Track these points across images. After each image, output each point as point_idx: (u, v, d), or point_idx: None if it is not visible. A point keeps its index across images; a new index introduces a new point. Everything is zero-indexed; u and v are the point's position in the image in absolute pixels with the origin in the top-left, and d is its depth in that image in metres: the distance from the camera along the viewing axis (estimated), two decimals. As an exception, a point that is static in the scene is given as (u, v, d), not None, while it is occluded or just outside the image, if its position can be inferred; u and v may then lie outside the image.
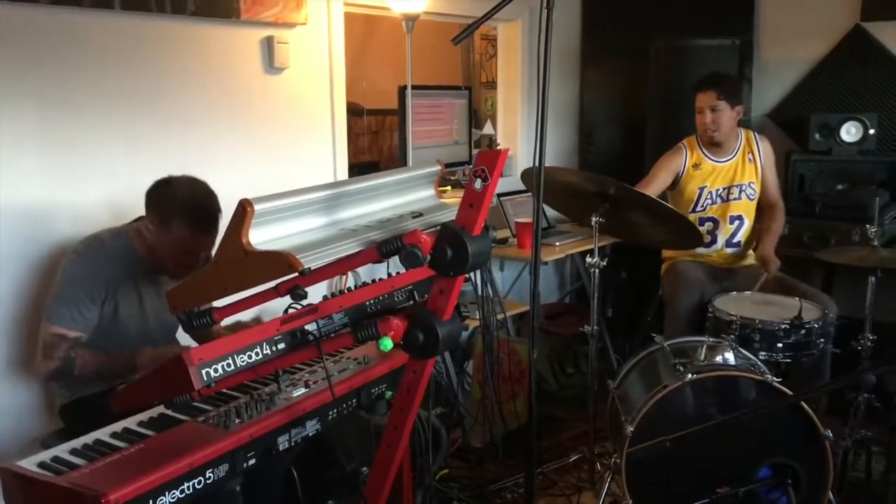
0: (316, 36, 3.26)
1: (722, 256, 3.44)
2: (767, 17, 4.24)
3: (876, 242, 2.84)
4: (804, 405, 2.31)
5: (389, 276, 1.90)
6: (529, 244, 3.29)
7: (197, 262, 2.25)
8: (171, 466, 1.56)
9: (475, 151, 4.13)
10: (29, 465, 1.59)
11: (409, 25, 3.37)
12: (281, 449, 1.83)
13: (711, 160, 3.39)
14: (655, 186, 3.36)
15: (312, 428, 1.91)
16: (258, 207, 1.49)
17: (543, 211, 4.00)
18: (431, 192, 1.97)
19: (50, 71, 2.48)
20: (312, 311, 1.70)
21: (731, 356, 2.56)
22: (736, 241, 3.43)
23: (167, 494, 1.55)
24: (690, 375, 2.41)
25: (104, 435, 1.74)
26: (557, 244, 3.72)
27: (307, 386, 1.96)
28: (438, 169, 1.97)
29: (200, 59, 2.87)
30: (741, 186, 3.40)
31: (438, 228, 1.72)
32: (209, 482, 1.65)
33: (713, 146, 3.37)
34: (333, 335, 1.76)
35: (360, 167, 4.19)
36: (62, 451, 1.66)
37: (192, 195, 2.22)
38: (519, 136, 4.45)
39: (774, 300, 3.01)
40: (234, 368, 1.55)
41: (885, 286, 2.86)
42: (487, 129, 4.71)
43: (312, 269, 1.56)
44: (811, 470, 2.32)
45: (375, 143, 5.57)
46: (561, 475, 3.12)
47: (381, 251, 1.66)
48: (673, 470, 2.38)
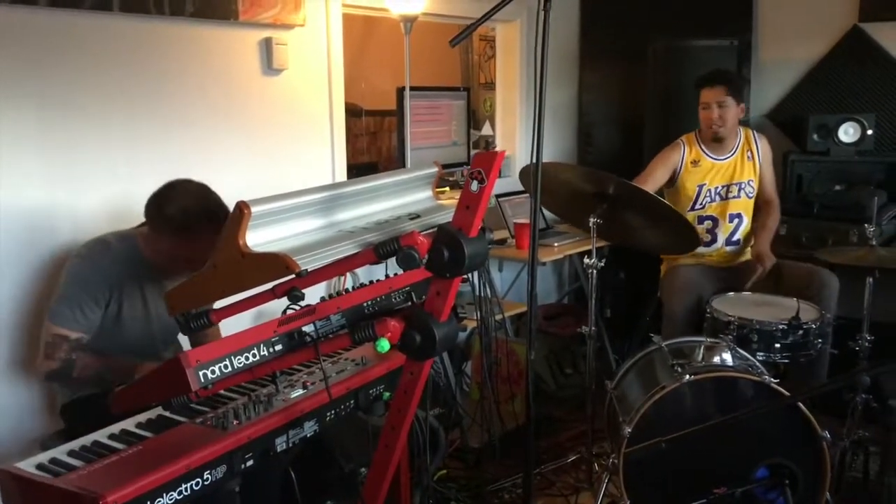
0: (314, 37, 3.26)
1: (721, 255, 3.44)
2: (766, 17, 4.25)
3: (874, 242, 2.85)
4: (801, 406, 2.32)
5: (387, 277, 1.90)
6: (528, 245, 3.30)
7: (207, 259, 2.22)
8: (168, 468, 1.56)
9: (474, 152, 4.13)
10: (27, 466, 1.59)
11: (407, 26, 3.38)
12: (279, 450, 1.83)
13: (711, 157, 3.39)
14: (652, 182, 3.35)
15: (310, 429, 1.92)
16: (255, 209, 1.49)
17: (542, 212, 4.04)
18: (429, 193, 1.98)
19: (49, 73, 2.48)
20: (310, 312, 1.71)
21: (728, 357, 2.56)
22: (735, 239, 3.43)
23: (165, 496, 1.55)
24: (688, 376, 2.41)
25: (102, 437, 1.74)
26: (556, 245, 3.73)
27: (305, 387, 1.96)
28: (436, 171, 1.98)
29: (199, 60, 2.87)
30: (740, 184, 3.40)
31: (435, 230, 1.72)
32: (207, 483, 1.65)
33: (714, 143, 3.37)
34: (331, 336, 1.76)
35: (358, 168, 4.19)
36: (60, 452, 1.66)
37: (196, 198, 2.19)
38: (517, 136, 4.45)
39: (772, 300, 3.02)
40: (231, 370, 1.56)
41: (882, 286, 2.86)
42: (486, 130, 4.71)
43: (309, 270, 1.57)
44: (808, 470, 2.32)
45: (374, 144, 5.58)
46: (559, 475, 3.12)
47: (378, 253, 1.67)
48: (670, 470, 2.38)
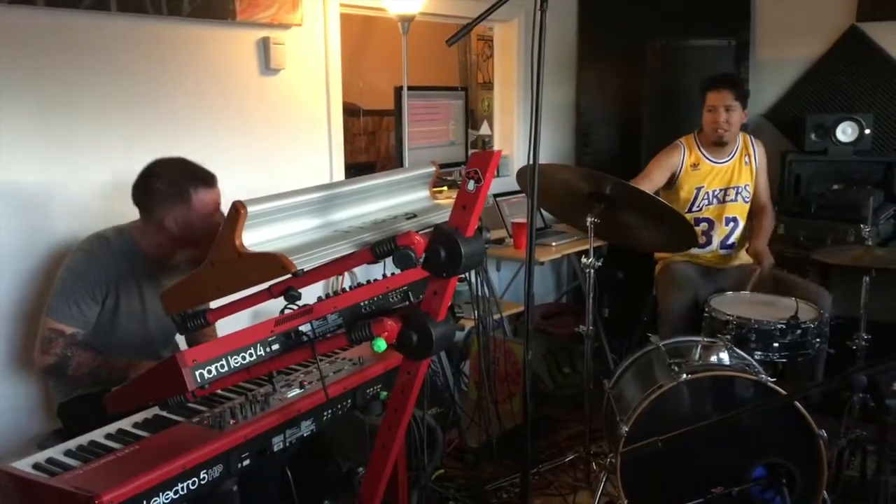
0: (312, 37, 3.26)
1: (715, 257, 3.45)
2: (763, 17, 4.25)
3: (871, 242, 2.85)
4: (798, 405, 2.32)
5: (384, 277, 1.90)
6: (526, 244, 3.30)
7: (221, 218, 2.25)
8: (165, 467, 1.56)
9: (471, 152, 4.14)
10: (23, 466, 1.59)
11: (405, 26, 3.38)
12: (276, 449, 1.83)
13: (710, 161, 3.39)
14: (650, 184, 3.35)
15: (307, 428, 1.91)
16: (251, 209, 1.49)
17: (540, 211, 4.04)
18: (426, 193, 1.98)
19: (47, 73, 2.48)
20: (307, 312, 1.71)
21: (725, 356, 2.56)
22: (730, 242, 3.44)
23: (161, 495, 1.55)
24: (685, 375, 2.42)
25: (99, 436, 1.74)
26: (553, 244, 3.72)
27: (302, 387, 1.96)
28: (433, 170, 1.98)
29: (196, 60, 2.87)
30: (738, 188, 3.40)
31: (432, 230, 1.72)
32: (203, 483, 1.65)
33: (714, 146, 3.37)
34: (328, 336, 1.76)
35: (356, 168, 4.20)
36: (57, 452, 1.66)
37: (179, 167, 2.26)
38: (515, 136, 4.45)
39: (771, 300, 3.02)
40: (227, 370, 1.56)
41: (879, 286, 2.86)
42: (484, 129, 4.71)
43: (306, 270, 1.57)
44: (806, 469, 2.32)
45: (372, 143, 5.58)
46: (557, 475, 3.12)
47: (374, 252, 1.67)
48: (668, 470, 2.38)
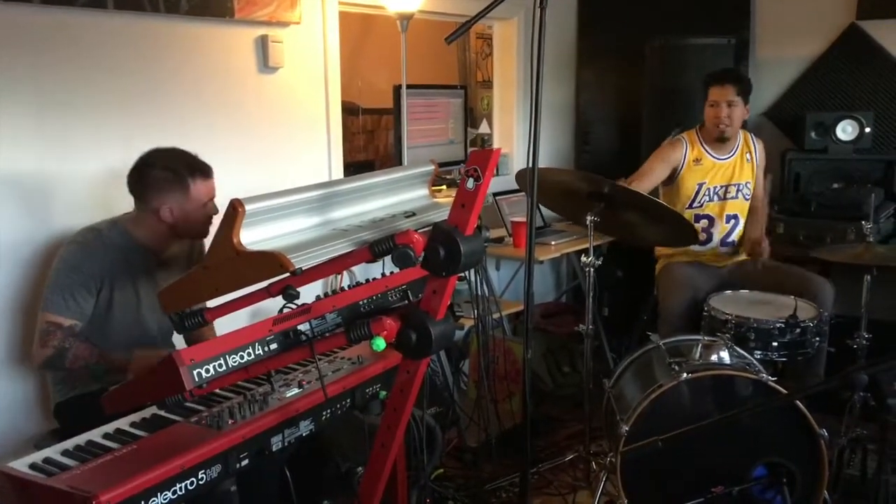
0: (310, 35, 3.25)
1: (715, 255, 3.43)
2: (763, 15, 4.24)
3: (871, 240, 2.84)
4: (799, 404, 2.31)
5: (383, 275, 1.89)
6: (525, 243, 3.29)
7: (214, 208, 2.34)
8: (163, 467, 1.55)
9: (470, 150, 4.13)
10: (20, 466, 1.58)
11: (404, 24, 3.37)
12: (274, 449, 1.82)
13: (712, 157, 3.38)
14: (651, 179, 3.33)
15: (306, 428, 1.91)
16: (249, 207, 1.48)
17: (539, 210, 4.03)
18: (425, 191, 1.97)
19: (44, 71, 2.47)
20: (305, 311, 1.70)
21: (726, 355, 2.55)
22: (730, 240, 3.43)
23: (159, 496, 1.54)
24: (685, 375, 2.41)
25: (96, 436, 1.73)
26: (553, 243, 3.71)
27: (301, 386, 1.95)
28: (432, 168, 1.97)
29: (194, 58, 2.86)
30: (738, 186, 3.39)
31: (431, 228, 1.71)
32: (202, 483, 1.64)
33: (717, 142, 3.36)
34: (327, 335, 1.75)
35: (355, 166, 4.19)
36: (54, 452, 1.65)
37: (177, 156, 2.29)
38: (515, 135, 4.45)
39: (770, 299, 3.01)
40: (225, 369, 1.55)
41: (880, 284, 2.86)
42: (483, 128, 4.71)
43: (304, 269, 1.56)
44: (806, 469, 2.32)
45: (371, 142, 5.56)
46: (556, 474, 3.11)
47: (373, 251, 1.66)
48: (668, 469, 2.38)
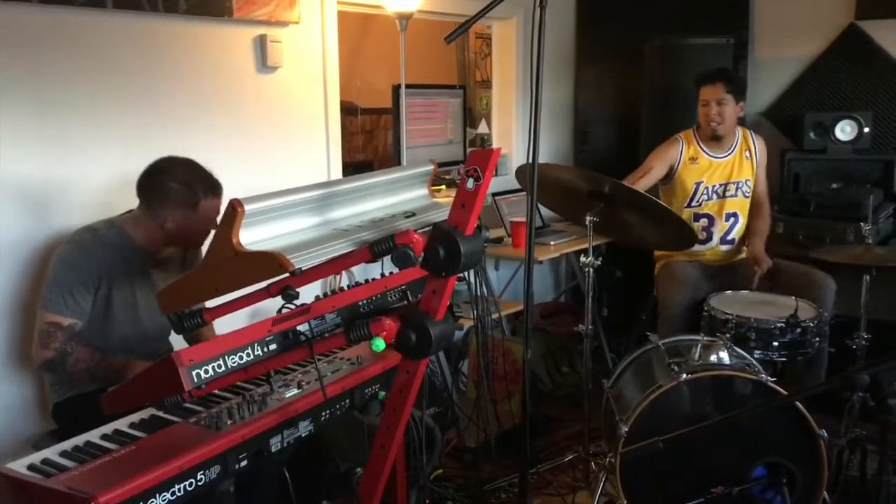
0: (309, 35, 3.25)
1: (716, 254, 3.43)
2: (762, 15, 4.24)
3: (870, 241, 2.84)
4: (798, 405, 2.31)
5: (383, 276, 1.89)
6: (524, 243, 3.29)
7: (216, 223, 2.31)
8: (161, 468, 1.55)
9: (470, 150, 4.12)
10: (18, 467, 1.58)
11: (402, 24, 3.36)
12: (273, 450, 1.82)
13: (709, 155, 3.38)
14: (649, 178, 3.34)
15: (305, 429, 1.90)
16: (249, 207, 1.48)
17: (538, 210, 4.02)
18: (424, 191, 1.97)
19: (43, 71, 2.46)
20: (305, 311, 1.69)
21: (725, 355, 2.55)
22: (730, 238, 3.42)
23: (158, 497, 1.54)
24: (685, 375, 2.41)
25: (94, 437, 1.73)
26: (552, 243, 3.71)
27: (300, 387, 1.95)
28: (431, 168, 1.97)
29: (193, 58, 2.85)
30: (738, 183, 3.39)
31: (431, 228, 1.71)
32: (200, 484, 1.63)
33: (712, 141, 3.36)
34: (326, 336, 1.75)
35: (354, 166, 4.18)
36: (52, 453, 1.65)
37: (193, 171, 2.29)
38: (514, 135, 4.44)
39: (770, 299, 3.01)
40: (225, 369, 1.54)
41: (879, 284, 2.86)
42: (482, 128, 4.70)
43: (304, 269, 1.55)
44: (806, 469, 2.32)
45: (370, 142, 5.56)
46: (556, 475, 3.11)
47: (373, 251, 1.66)
48: (668, 469, 2.37)
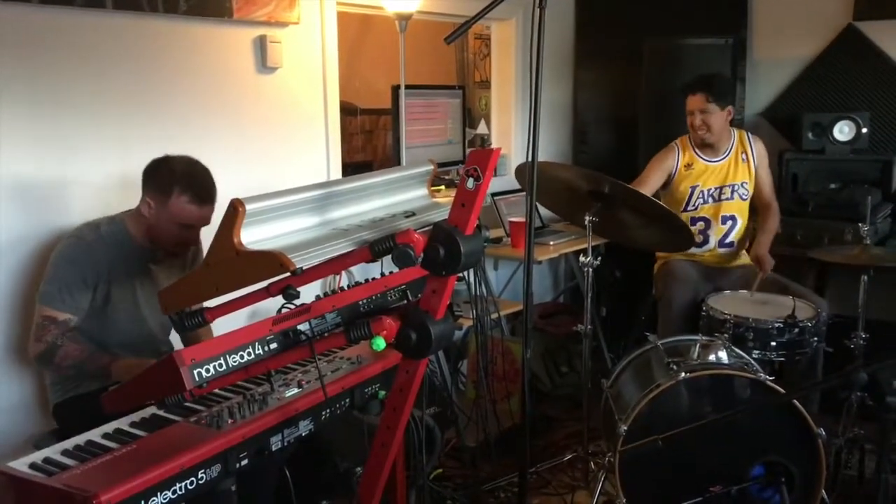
0: (309, 35, 3.25)
1: (714, 256, 3.44)
2: (760, 16, 4.25)
3: (868, 241, 2.85)
4: (797, 404, 2.32)
5: (383, 275, 1.89)
6: (523, 243, 3.30)
7: (195, 238, 2.31)
8: (162, 467, 1.56)
9: (469, 150, 4.13)
10: (20, 466, 1.58)
11: (402, 25, 3.37)
12: (274, 449, 1.83)
13: (704, 160, 3.39)
14: (649, 186, 3.35)
15: (305, 428, 1.91)
16: (250, 207, 1.48)
17: (538, 210, 4.03)
18: (424, 191, 1.97)
19: (42, 71, 2.47)
20: (305, 310, 1.70)
21: (724, 355, 2.56)
22: (728, 241, 3.43)
23: (159, 495, 1.55)
24: (684, 374, 2.42)
25: (96, 436, 1.73)
26: (551, 243, 3.72)
27: (300, 386, 1.95)
28: (431, 168, 1.97)
29: (193, 58, 2.86)
30: (733, 186, 3.40)
31: (431, 228, 1.71)
32: (201, 483, 1.64)
33: (706, 146, 3.38)
34: (326, 335, 1.75)
35: (353, 167, 4.19)
36: (54, 451, 1.66)
37: (189, 169, 2.27)
38: (513, 135, 4.44)
39: (768, 299, 3.02)
40: (225, 369, 1.55)
41: (877, 284, 2.87)
42: (481, 128, 4.71)
43: (304, 268, 1.56)
44: (804, 468, 2.33)
45: (369, 142, 5.56)
46: (555, 474, 3.11)
47: (373, 251, 1.66)
48: (666, 468, 2.38)
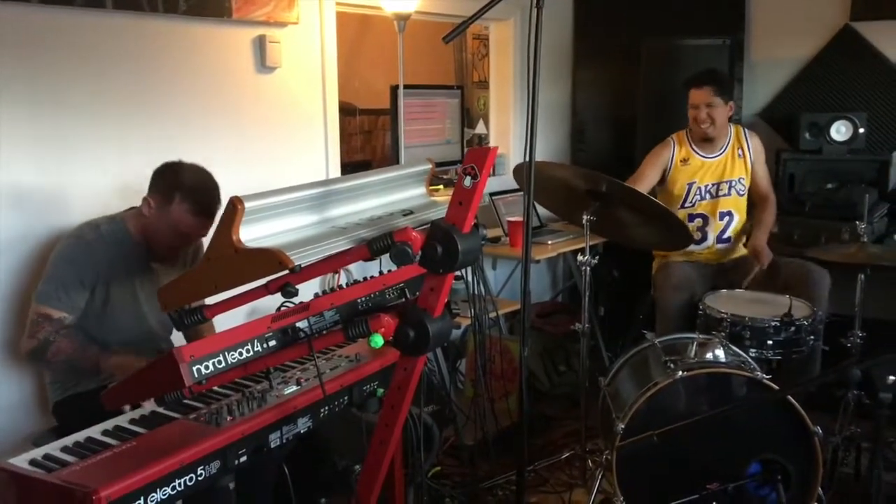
0: (308, 35, 3.26)
1: (713, 252, 3.45)
2: (758, 16, 4.26)
3: (865, 240, 2.87)
4: (793, 402, 2.33)
5: (381, 273, 1.90)
6: (521, 242, 3.31)
7: (189, 245, 2.34)
8: (162, 463, 1.56)
9: (467, 150, 4.14)
10: (20, 462, 1.59)
11: (401, 25, 3.38)
12: (272, 446, 1.83)
13: (701, 156, 3.40)
14: (644, 182, 3.37)
15: (304, 425, 1.92)
16: (249, 205, 1.49)
17: (536, 210, 4.04)
18: (422, 190, 1.98)
19: (41, 71, 2.47)
20: (304, 308, 1.71)
21: (721, 353, 2.57)
22: (726, 237, 3.44)
23: (158, 491, 1.56)
24: (681, 372, 2.43)
25: (96, 433, 1.74)
26: (549, 243, 3.73)
27: (299, 383, 1.96)
28: (429, 167, 1.98)
29: (192, 58, 2.87)
30: (731, 182, 3.41)
31: (429, 226, 1.72)
32: (200, 479, 1.65)
33: (704, 141, 3.38)
34: (325, 332, 1.76)
35: (352, 166, 4.19)
36: (54, 448, 1.66)
37: (197, 178, 2.28)
38: (511, 135, 4.45)
39: (765, 298, 3.03)
40: (225, 366, 1.56)
41: (874, 283, 2.88)
42: (480, 128, 4.72)
43: (303, 266, 1.57)
44: (801, 466, 2.34)
45: (368, 142, 5.58)
46: (553, 472, 3.12)
47: (371, 248, 1.67)
48: (663, 466, 2.39)
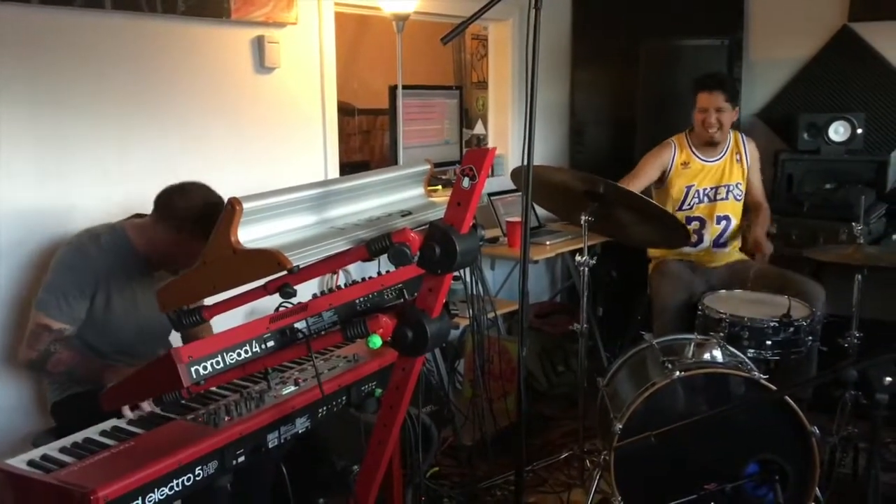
0: (307, 35, 3.26)
1: (709, 255, 3.45)
2: (756, 17, 4.27)
3: (862, 240, 2.87)
4: (791, 402, 2.33)
5: (379, 274, 1.91)
6: (520, 243, 3.31)
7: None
8: (160, 464, 1.57)
9: (466, 151, 4.14)
10: (18, 463, 1.60)
11: (399, 25, 3.38)
12: (270, 446, 1.84)
13: (701, 159, 3.41)
14: (642, 181, 3.38)
15: (302, 425, 1.92)
16: (247, 206, 1.49)
17: (534, 210, 4.05)
18: (420, 190, 1.98)
19: (41, 71, 2.47)
20: (302, 309, 1.71)
21: (719, 354, 2.57)
22: (723, 241, 3.44)
23: (156, 491, 1.56)
24: (679, 373, 2.43)
25: (94, 433, 1.75)
26: (548, 243, 3.74)
27: (297, 384, 1.97)
28: (427, 168, 1.98)
29: (191, 58, 2.87)
30: (728, 187, 3.42)
31: (427, 227, 1.73)
32: (198, 479, 1.66)
33: (705, 146, 3.39)
34: (323, 333, 1.76)
35: (351, 167, 4.20)
36: (52, 449, 1.67)
37: (206, 210, 2.19)
38: (510, 135, 4.45)
39: (763, 298, 3.03)
40: (223, 366, 1.56)
41: (871, 284, 2.89)
42: (478, 128, 4.72)
43: (301, 266, 1.57)
44: (798, 466, 2.34)
45: (367, 142, 5.58)
46: (551, 473, 3.13)
47: (369, 249, 1.67)
48: (661, 466, 2.39)
